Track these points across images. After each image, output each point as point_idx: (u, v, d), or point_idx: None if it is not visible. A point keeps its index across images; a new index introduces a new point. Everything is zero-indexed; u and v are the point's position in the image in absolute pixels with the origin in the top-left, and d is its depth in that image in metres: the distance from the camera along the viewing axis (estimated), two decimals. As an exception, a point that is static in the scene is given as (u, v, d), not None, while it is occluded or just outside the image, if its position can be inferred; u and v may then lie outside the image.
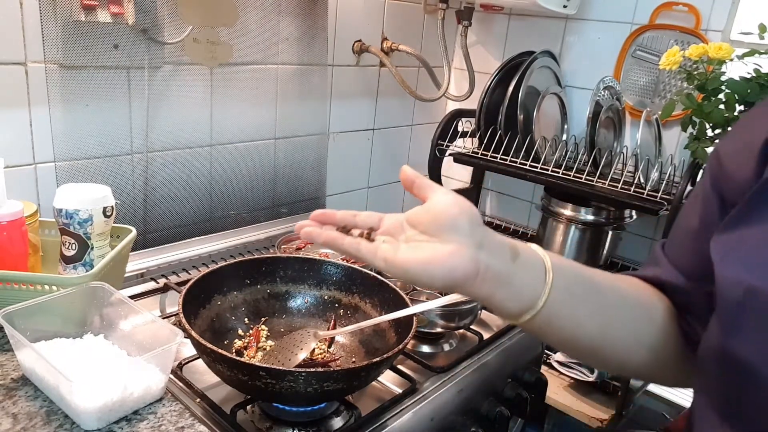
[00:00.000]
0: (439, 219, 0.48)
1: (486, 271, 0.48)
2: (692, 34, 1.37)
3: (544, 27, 1.61)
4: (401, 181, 0.53)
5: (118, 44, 1.04)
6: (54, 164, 1.02)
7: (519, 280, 0.50)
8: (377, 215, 0.53)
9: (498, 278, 0.49)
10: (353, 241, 0.51)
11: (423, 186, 0.51)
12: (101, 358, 0.75)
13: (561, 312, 0.51)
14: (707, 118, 1.12)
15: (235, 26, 1.19)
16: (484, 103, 1.49)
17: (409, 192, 0.52)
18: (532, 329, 0.53)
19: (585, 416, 1.30)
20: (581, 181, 1.31)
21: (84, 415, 0.65)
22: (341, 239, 0.52)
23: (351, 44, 1.48)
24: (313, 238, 0.52)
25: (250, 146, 1.32)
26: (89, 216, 0.84)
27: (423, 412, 0.80)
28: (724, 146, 0.54)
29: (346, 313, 0.90)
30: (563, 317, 0.52)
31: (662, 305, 0.59)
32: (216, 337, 0.82)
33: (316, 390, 0.67)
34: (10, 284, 0.78)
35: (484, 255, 0.48)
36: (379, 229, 0.52)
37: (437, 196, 0.50)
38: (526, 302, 0.50)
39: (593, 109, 1.35)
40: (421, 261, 0.47)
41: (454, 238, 0.47)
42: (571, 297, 0.52)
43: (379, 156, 1.69)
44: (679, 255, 0.59)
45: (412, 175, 0.52)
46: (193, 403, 0.74)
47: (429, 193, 0.50)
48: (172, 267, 1.14)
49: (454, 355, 0.94)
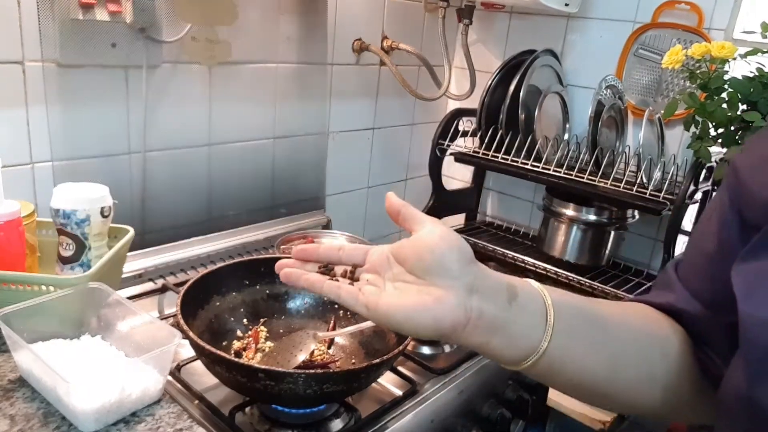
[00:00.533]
0: (424, 258, 0.44)
1: (479, 318, 0.43)
2: (695, 32, 1.37)
3: (545, 25, 1.60)
4: (387, 210, 0.49)
5: (115, 43, 1.03)
6: (51, 164, 1.02)
7: (516, 325, 0.45)
8: (363, 249, 0.50)
9: (492, 325, 0.44)
10: (333, 285, 0.48)
11: (409, 217, 0.47)
12: (99, 359, 0.74)
13: (565, 356, 0.47)
14: (710, 118, 1.11)
15: (234, 25, 1.19)
16: (485, 102, 1.48)
17: (395, 223, 0.48)
18: (534, 375, 0.48)
19: (587, 418, 1.29)
20: (583, 181, 1.30)
21: (81, 417, 0.65)
22: (320, 283, 0.48)
23: (351, 43, 1.47)
24: (293, 282, 0.50)
25: (249, 146, 1.32)
26: (87, 216, 0.83)
27: (423, 413, 0.79)
28: (742, 161, 0.49)
29: (345, 314, 0.90)
30: (568, 361, 0.47)
31: (676, 337, 0.53)
32: (215, 338, 0.82)
33: (315, 392, 0.66)
34: (6, 285, 0.78)
35: (476, 300, 0.43)
36: (364, 265, 0.49)
37: (424, 230, 0.45)
38: (525, 349, 0.45)
39: (595, 108, 1.34)
40: (404, 309, 0.43)
41: (442, 282, 0.43)
42: (575, 339, 0.47)
43: (379, 156, 1.68)
44: (695, 280, 0.53)
45: (397, 204, 0.48)
46: (192, 404, 0.73)
47: (415, 226, 0.46)
48: (171, 267, 1.14)
49: (455, 356, 0.93)
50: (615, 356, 0.49)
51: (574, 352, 0.47)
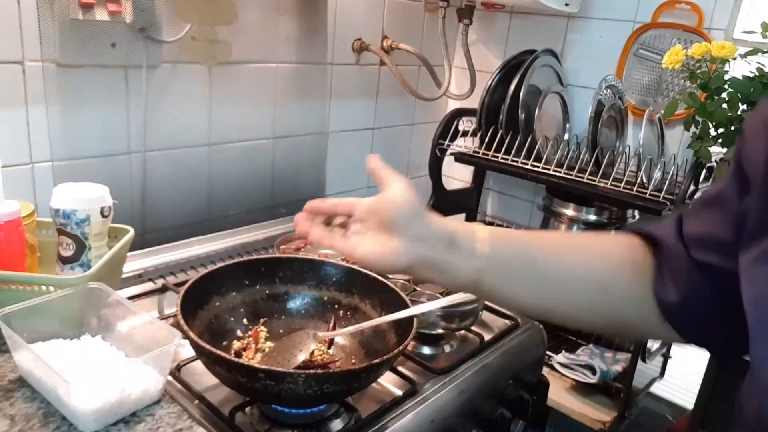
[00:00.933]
0: (383, 214, 0.56)
1: (423, 261, 0.56)
2: (695, 32, 1.37)
3: (545, 25, 1.61)
4: (367, 168, 0.61)
5: (115, 43, 1.03)
6: (51, 164, 1.02)
7: (451, 265, 0.56)
8: (352, 202, 0.60)
9: (434, 266, 0.56)
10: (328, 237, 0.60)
11: (380, 178, 0.59)
12: (99, 359, 0.74)
13: (500, 287, 0.58)
14: (710, 118, 1.11)
15: (234, 25, 1.19)
16: (485, 102, 1.48)
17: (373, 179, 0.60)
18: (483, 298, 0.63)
19: (587, 418, 1.29)
20: (583, 181, 1.30)
21: (81, 417, 0.65)
22: (320, 240, 0.60)
23: (351, 43, 1.47)
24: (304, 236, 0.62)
25: (249, 146, 1.32)
26: (87, 216, 0.83)
27: (423, 414, 0.79)
28: (749, 121, 0.55)
29: (345, 314, 0.90)
30: (503, 291, 0.59)
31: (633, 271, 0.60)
32: (214, 338, 0.82)
33: (315, 392, 0.66)
34: (6, 285, 0.78)
35: (420, 248, 0.55)
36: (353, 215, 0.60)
37: (388, 190, 0.57)
38: (462, 282, 0.58)
39: (595, 108, 1.34)
40: (372, 255, 0.56)
41: (397, 233, 0.55)
42: (506, 277, 0.58)
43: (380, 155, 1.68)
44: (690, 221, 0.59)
45: (375, 166, 0.60)
46: (192, 404, 0.73)
47: (383, 186, 0.58)
48: (171, 267, 1.14)
49: (455, 356, 0.93)
50: (547, 290, 0.59)
51: (507, 286, 0.58)
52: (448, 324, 0.94)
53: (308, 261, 0.92)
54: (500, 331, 1.02)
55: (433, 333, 0.95)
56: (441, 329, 0.95)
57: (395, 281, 0.99)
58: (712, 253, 0.54)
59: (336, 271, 0.91)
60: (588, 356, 1.38)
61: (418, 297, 0.98)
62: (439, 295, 0.97)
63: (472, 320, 0.97)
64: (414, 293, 1.00)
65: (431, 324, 0.93)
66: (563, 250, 0.61)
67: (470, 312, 0.95)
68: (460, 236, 0.57)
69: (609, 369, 1.33)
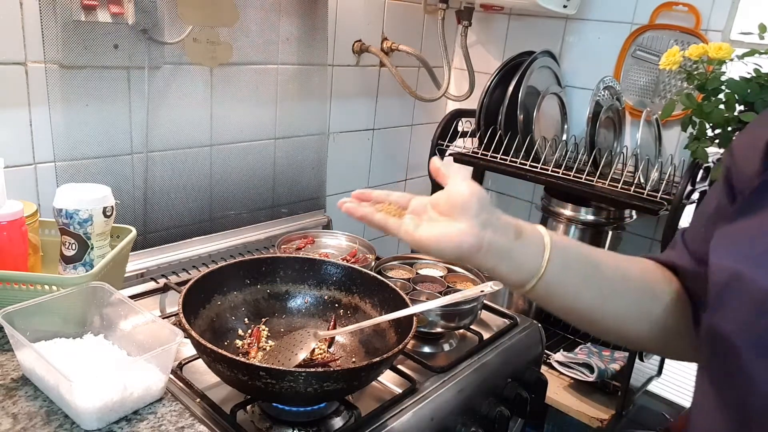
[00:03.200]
0: (453, 201, 0.56)
1: (489, 247, 0.56)
2: (692, 34, 1.37)
3: (544, 27, 1.61)
4: (430, 170, 0.63)
5: (118, 44, 1.04)
6: (54, 164, 1.02)
7: (519, 255, 0.57)
8: (407, 196, 0.62)
9: (500, 253, 0.56)
10: (383, 217, 0.61)
11: (445, 174, 0.60)
12: (101, 358, 0.75)
13: (560, 284, 0.58)
14: (707, 118, 1.12)
15: (235, 26, 1.20)
16: (484, 103, 1.49)
17: (435, 179, 0.62)
18: (535, 297, 0.60)
19: (585, 416, 1.30)
20: (581, 181, 1.31)
21: (84, 415, 0.65)
22: (372, 215, 0.61)
23: (351, 44, 1.48)
24: (351, 213, 0.62)
25: (250, 146, 1.32)
26: (89, 216, 0.84)
27: (423, 412, 0.80)
28: (738, 139, 0.57)
29: (346, 313, 0.91)
30: (561, 288, 0.59)
31: (671, 287, 0.63)
32: (216, 337, 0.82)
33: (316, 390, 0.67)
34: (10, 284, 0.78)
35: (488, 233, 0.55)
36: (407, 208, 0.61)
37: (455, 182, 0.58)
38: (525, 274, 0.57)
39: (593, 109, 1.35)
40: (434, 236, 0.56)
41: (464, 219, 0.55)
42: (569, 271, 0.59)
43: (379, 156, 1.69)
44: (694, 241, 0.62)
45: (438, 166, 0.61)
46: (193, 403, 0.74)
47: (449, 180, 0.58)
48: (172, 267, 1.14)
49: (454, 355, 0.94)
50: (605, 290, 0.60)
51: (567, 282, 0.59)
52: (448, 323, 0.95)
53: (309, 260, 0.93)
54: (499, 329, 1.03)
55: (432, 332, 0.96)
56: (440, 328, 0.95)
57: (395, 281, 1.00)
58: None
59: (336, 271, 0.92)
60: (586, 355, 1.38)
61: (417, 296, 0.99)
62: (439, 295, 0.98)
63: (471, 319, 0.97)
64: (414, 292, 1.00)
65: (431, 323, 0.94)
66: (615, 257, 0.63)
67: (469, 311, 0.96)
68: (527, 230, 0.58)
69: (607, 367, 1.34)
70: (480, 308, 1.00)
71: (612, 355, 1.41)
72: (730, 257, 0.49)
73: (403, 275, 1.07)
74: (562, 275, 0.58)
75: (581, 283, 0.60)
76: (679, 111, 1.25)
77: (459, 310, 0.94)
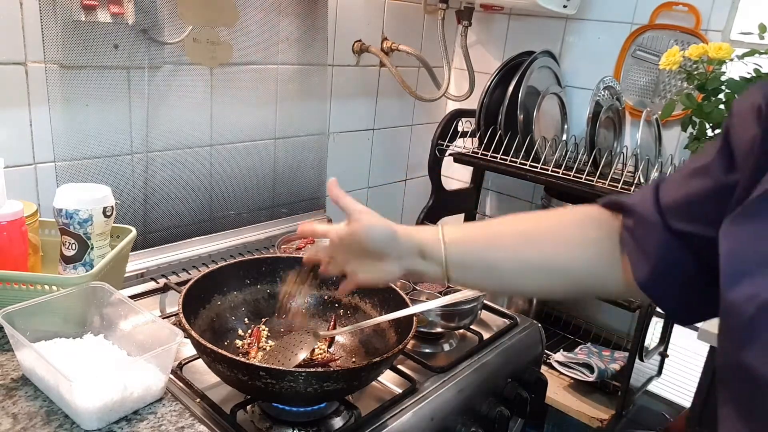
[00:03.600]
0: (366, 246, 0.66)
1: (408, 272, 0.68)
2: (692, 34, 1.37)
3: (544, 27, 1.61)
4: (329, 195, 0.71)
5: (118, 44, 1.04)
6: (54, 164, 1.02)
7: (427, 272, 0.68)
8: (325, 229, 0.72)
9: (415, 273, 0.69)
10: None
11: (344, 206, 0.69)
12: (101, 358, 0.75)
13: (465, 280, 0.70)
14: (707, 118, 1.12)
15: (235, 26, 1.20)
16: (484, 103, 1.49)
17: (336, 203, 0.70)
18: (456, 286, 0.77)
19: (585, 416, 1.30)
20: (581, 181, 1.31)
21: (84, 415, 0.65)
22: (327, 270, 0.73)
23: (351, 44, 1.48)
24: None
25: (250, 146, 1.32)
26: (89, 216, 0.84)
27: (423, 412, 0.80)
28: (739, 102, 0.56)
29: (346, 313, 0.91)
30: (470, 283, 0.71)
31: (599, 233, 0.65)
32: (216, 337, 0.82)
33: (316, 390, 0.67)
34: (10, 284, 0.78)
35: (405, 263, 0.68)
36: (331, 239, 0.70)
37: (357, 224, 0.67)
38: (438, 280, 0.70)
39: (593, 109, 1.35)
40: (372, 279, 0.69)
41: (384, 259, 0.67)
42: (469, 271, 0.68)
43: (379, 156, 1.69)
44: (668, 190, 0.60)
45: (335, 195, 0.70)
46: (193, 403, 0.74)
47: (349, 217, 0.68)
48: (172, 267, 1.14)
49: (454, 355, 0.94)
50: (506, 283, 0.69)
51: (470, 278, 0.69)
52: (448, 323, 0.95)
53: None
54: (499, 329, 1.03)
55: (432, 332, 0.96)
56: (440, 328, 0.95)
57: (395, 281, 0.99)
58: (692, 222, 0.55)
59: (336, 271, 0.92)
60: (586, 355, 1.38)
61: (417, 296, 0.99)
62: (439, 294, 0.98)
63: (471, 319, 0.97)
64: (414, 292, 1.00)
65: (431, 323, 0.94)
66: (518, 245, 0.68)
67: (469, 311, 0.96)
68: (428, 247, 0.67)
69: (607, 367, 1.34)
70: (480, 308, 1.00)
71: (612, 355, 1.41)
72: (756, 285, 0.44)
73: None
74: (464, 277, 0.68)
75: (483, 276, 0.68)
76: (679, 111, 1.25)
77: (459, 310, 0.94)
